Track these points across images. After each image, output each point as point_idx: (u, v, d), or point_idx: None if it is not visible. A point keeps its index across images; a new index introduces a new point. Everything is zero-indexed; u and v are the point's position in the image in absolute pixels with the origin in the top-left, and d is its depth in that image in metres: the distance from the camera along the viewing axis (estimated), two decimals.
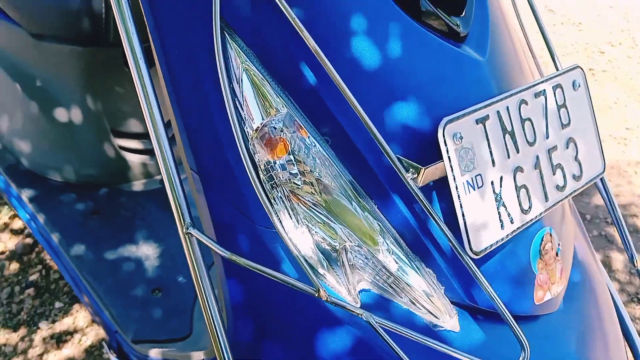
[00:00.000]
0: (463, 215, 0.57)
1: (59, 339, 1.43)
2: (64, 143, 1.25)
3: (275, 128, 0.60)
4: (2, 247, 1.72)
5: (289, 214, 0.60)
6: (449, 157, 0.56)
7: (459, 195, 0.57)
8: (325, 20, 0.59)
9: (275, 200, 0.60)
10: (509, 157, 0.61)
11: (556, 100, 0.67)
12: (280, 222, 0.59)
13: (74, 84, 1.18)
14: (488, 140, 0.59)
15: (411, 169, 0.57)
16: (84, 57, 1.14)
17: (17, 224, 1.78)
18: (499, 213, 0.60)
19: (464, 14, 0.66)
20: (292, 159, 0.59)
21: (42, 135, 1.25)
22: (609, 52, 2.35)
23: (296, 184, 0.60)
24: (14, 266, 1.68)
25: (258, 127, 0.59)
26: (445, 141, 0.56)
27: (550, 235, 0.68)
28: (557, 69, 0.77)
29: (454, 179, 0.56)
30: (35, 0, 1.08)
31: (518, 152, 0.62)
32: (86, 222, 1.23)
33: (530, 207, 0.63)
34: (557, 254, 0.69)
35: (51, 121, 1.22)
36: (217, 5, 0.57)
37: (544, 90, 0.66)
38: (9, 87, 1.22)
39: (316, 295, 0.54)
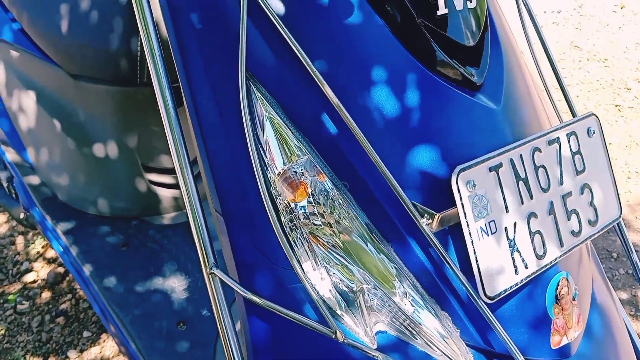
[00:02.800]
0: (477, 260, 0.59)
1: None
2: (98, 178, 1.31)
3: (296, 172, 0.63)
4: (35, 276, 1.78)
5: (308, 255, 0.63)
6: (462, 204, 0.58)
7: (472, 242, 0.58)
8: (344, 71, 0.63)
9: (295, 242, 0.63)
10: (522, 204, 0.63)
11: (570, 148, 0.68)
12: (300, 263, 0.61)
13: (109, 121, 1.24)
14: (501, 187, 0.61)
15: (426, 215, 0.59)
16: (120, 96, 1.20)
17: (50, 253, 1.84)
18: (513, 258, 0.61)
19: (479, 64, 0.69)
20: (312, 202, 0.62)
21: (78, 169, 1.30)
22: (636, 89, 2.34)
23: (315, 226, 0.62)
24: (46, 295, 1.73)
25: (280, 171, 0.62)
26: (458, 189, 0.58)
27: (567, 280, 0.69)
28: (573, 115, 0.79)
29: (467, 225, 0.58)
30: (74, 43, 1.14)
31: (532, 198, 0.64)
32: (116, 255, 1.27)
33: (544, 253, 0.64)
34: (573, 299, 0.69)
35: (87, 156, 1.28)
36: (244, 57, 0.61)
37: (558, 137, 0.67)
38: (48, 123, 1.28)
39: (333, 337, 0.56)
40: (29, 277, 1.77)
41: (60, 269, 1.78)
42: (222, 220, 0.65)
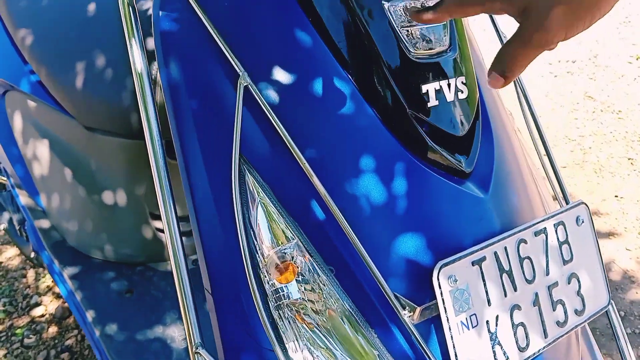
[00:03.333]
0: (456, 355, 0.59)
1: None
2: (106, 224, 1.34)
3: (284, 255, 0.64)
4: (43, 310, 1.81)
5: (294, 336, 0.64)
6: (442, 299, 0.59)
7: (452, 336, 0.59)
8: (334, 158, 0.65)
9: (280, 323, 0.64)
10: (505, 296, 0.64)
11: (558, 238, 0.69)
12: (284, 345, 0.63)
13: (119, 171, 1.27)
14: (484, 280, 0.62)
15: (407, 307, 0.60)
16: (130, 148, 1.24)
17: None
18: (494, 352, 0.62)
19: (469, 152, 0.70)
20: (299, 284, 0.64)
21: (87, 216, 1.34)
22: None
23: (301, 308, 0.64)
24: (53, 329, 1.76)
25: (269, 254, 0.64)
26: (439, 284, 0.59)
27: None
28: (566, 201, 0.80)
29: (448, 320, 0.59)
30: (89, 98, 1.19)
31: (516, 290, 0.65)
32: (120, 301, 1.29)
33: (527, 345, 0.65)
34: None
35: (96, 204, 1.32)
36: (238, 142, 0.63)
37: (545, 228, 0.68)
38: (60, 171, 1.32)
39: None
40: (37, 311, 1.81)
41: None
42: (211, 299, 0.67)
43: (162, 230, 1.38)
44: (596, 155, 2.31)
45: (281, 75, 0.66)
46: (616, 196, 2.13)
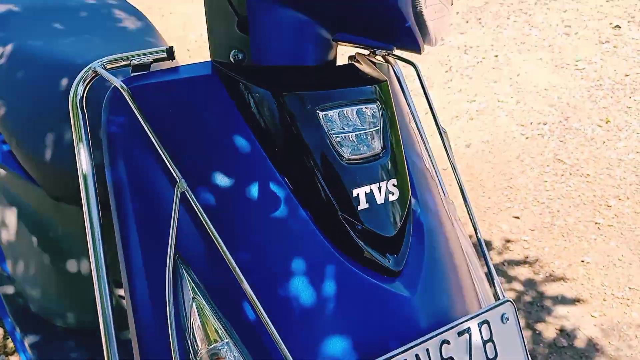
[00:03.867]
0: None
1: None
2: (69, 291, 1.36)
3: (217, 354, 0.67)
4: None
5: None
6: None
7: None
8: (266, 260, 0.68)
9: None
10: None
11: (482, 336, 0.72)
12: None
13: (82, 240, 1.30)
14: None
15: None
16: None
17: None
18: None
19: (398, 252, 0.74)
20: None
21: (50, 283, 1.36)
22: (616, 207, 2.39)
23: None
24: None
25: (201, 353, 0.67)
26: None
27: None
28: (496, 297, 0.83)
29: None
30: (55, 168, 1.23)
31: None
32: None
33: None
34: None
35: (60, 271, 1.33)
36: (172, 247, 0.67)
37: (469, 328, 0.72)
38: (27, 238, 1.35)
39: None
40: None
41: None
42: None
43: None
44: (564, 218, 2.36)
45: (220, 178, 0.70)
46: (582, 261, 2.17)
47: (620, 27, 3.46)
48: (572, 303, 2.01)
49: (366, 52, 0.90)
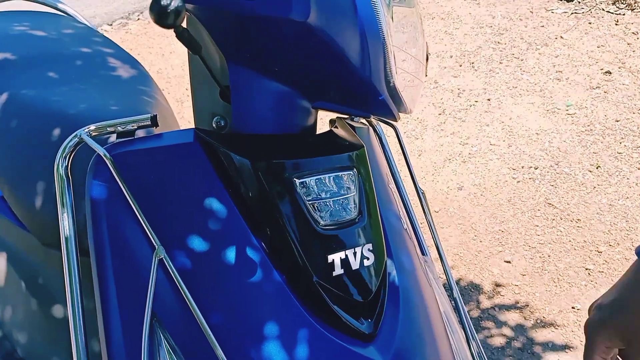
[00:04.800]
0: None
1: None
2: (56, 336, 1.36)
3: None
4: None
5: None
6: None
7: None
8: (238, 325, 0.70)
9: None
10: None
11: None
12: None
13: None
14: None
15: None
16: (84, 266, 1.28)
17: None
18: None
19: (373, 317, 0.75)
20: None
21: (38, 328, 1.36)
22: (607, 253, 2.40)
23: None
24: None
25: None
26: None
27: None
28: (469, 345, 0.85)
29: None
30: (45, 215, 1.25)
31: None
32: None
33: None
34: None
35: (47, 316, 1.34)
36: (148, 313, 0.68)
37: None
38: (16, 282, 1.36)
39: None
40: None
41: None
42: None
43: None
44: (555, 264, 2.37)
45: (198, 243, 0.72)
46: (573, 307, 2.17)
47: (611, 73, 3.53)
48: (563, 350, 2.01)
49: (346, 115, 0.93)
